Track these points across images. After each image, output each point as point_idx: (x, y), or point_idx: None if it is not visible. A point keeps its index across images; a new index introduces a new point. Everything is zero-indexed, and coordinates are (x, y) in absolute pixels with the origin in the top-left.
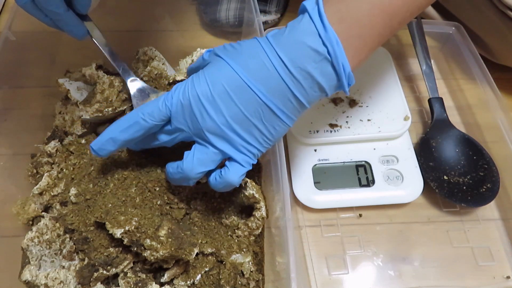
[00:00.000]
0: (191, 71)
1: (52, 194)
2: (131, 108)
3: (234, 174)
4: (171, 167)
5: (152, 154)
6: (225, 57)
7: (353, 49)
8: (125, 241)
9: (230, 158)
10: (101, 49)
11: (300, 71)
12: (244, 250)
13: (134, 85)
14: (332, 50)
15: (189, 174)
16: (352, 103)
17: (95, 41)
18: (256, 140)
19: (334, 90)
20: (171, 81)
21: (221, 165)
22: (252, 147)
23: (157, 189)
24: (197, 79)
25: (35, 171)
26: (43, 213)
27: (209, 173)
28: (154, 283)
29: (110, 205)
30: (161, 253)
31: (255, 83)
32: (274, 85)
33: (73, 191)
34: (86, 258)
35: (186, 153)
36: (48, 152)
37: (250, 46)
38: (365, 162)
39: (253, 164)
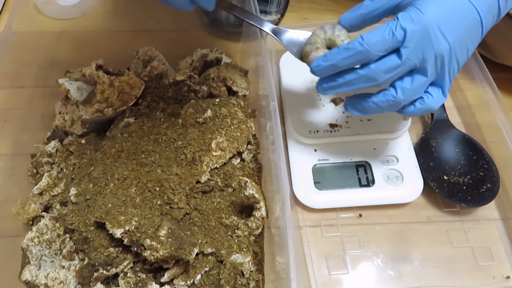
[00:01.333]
0: (360, 17)
1: (52, 194)
2: (131, 109)
3: (437, 102)
4: (378, 97)
5: (152, 154)
6: None
7: None
8: (125, 241)
9: (433, 84)
10: (232, 13)
11: None
12: (244, 250)
13: (283, 34)
14: None
15: (403, 103)
16: None
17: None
18: (462, 63)
19: None
20: (171, 81)
21: None
22: (457, 71)
23: (157, 189)
24: (422, 6)
25: (35, 171)
26: (43, 213)
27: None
28: (154, 283)
29: (110, 205)
30: (161, 253)
31: (478, 5)
32: (489, 5)
33: (73, 191)
34: (86, 258)
35: (398, 83)
36: (48, 152)
37: None
38: (365, 162)
39: (253, 164)
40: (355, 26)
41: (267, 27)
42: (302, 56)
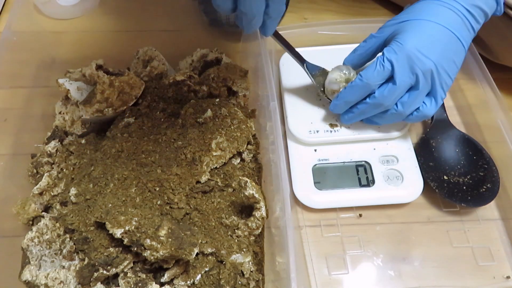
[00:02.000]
0: (360, 57)
1: (52, 194)
2: (131, 109)
3: (432, 109)
4: (385, 113)
5: (152, 154)
6: (420, 17)
7: None
8: (125, 241)
9: (428, 94)
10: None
11: (474, 8)
12: (244, 250)
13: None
14: None
15: (405, 114)
16: None
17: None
18: (453, 74)
19: (490, 15)
20: (171, 81)
21: None
22: (450, 81)
23: (157, 189)
24: (401, 38)
25: (35, 171)
26: (43, 213)
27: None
28: (154, 283)
29: (110, 205)
30: (161, 253)
31: (450, 26)
32: (460, 24)
33: (73, 191)
34: (86, 258)
35: (401, 102)
36: (48, 152)
37: (431, 7)
38: (365, 162)
39: (253, 164)
40: (357, 65)
41: (304, 64)
42: (327, 92)
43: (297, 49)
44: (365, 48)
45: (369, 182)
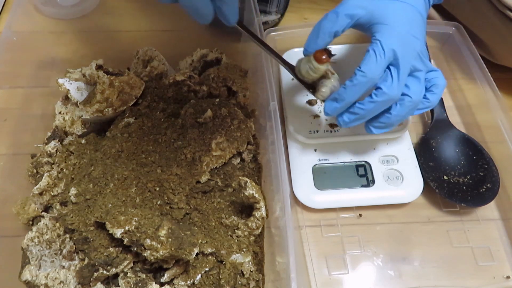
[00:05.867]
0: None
1: (52, 194)
2: (131, 109)
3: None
4: (397, 109)
5: (152, 154)
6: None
7: None
8: (125, 241)
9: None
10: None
11: None
12: (244, 250)
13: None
14: None
15: (419, 100)
16: None
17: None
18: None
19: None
20: (171, 81)
21: None
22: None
23: (157, 189)
24: (387, 20)
25: (35, 171)
26: (43, 213)
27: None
28: (154, 283)
29: (110, 205)
30: (161, 253)
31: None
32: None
33: (73, 191)
34: (86, 258)
35: (406, 90)
36: (48, 152)
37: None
38: (365, 162)
39: (253, 164)
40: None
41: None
42: (314, 92)
43: (297, 49)
44: (332, 30)
45: (369, 182)
